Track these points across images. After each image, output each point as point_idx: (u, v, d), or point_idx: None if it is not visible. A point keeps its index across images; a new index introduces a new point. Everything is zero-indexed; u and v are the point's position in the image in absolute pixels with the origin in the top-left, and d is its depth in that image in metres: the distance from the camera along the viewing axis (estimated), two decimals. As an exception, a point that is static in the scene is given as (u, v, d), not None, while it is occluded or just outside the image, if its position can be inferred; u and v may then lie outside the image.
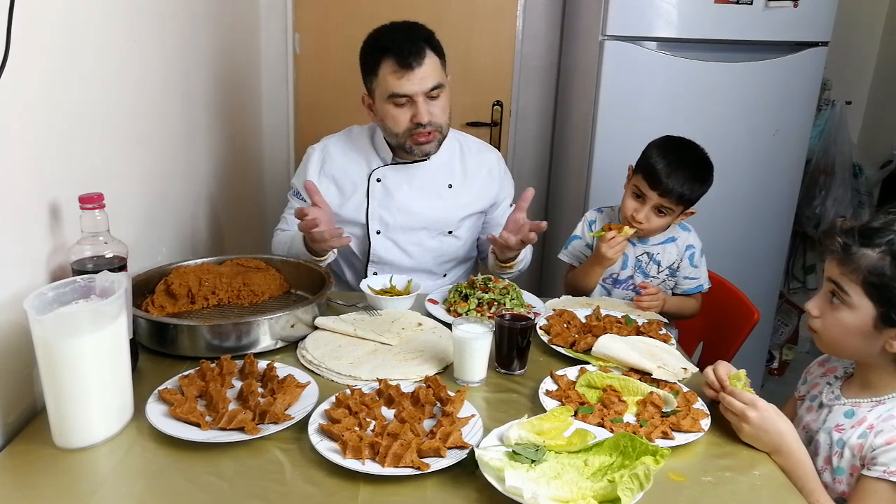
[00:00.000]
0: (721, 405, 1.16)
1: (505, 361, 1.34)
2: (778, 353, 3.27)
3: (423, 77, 1.64)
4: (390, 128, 1.72)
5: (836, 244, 1.12)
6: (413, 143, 1.72)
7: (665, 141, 1.70)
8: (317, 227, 1.53)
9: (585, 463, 0.99)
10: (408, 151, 1.75)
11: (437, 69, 1.68)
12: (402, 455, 0.99)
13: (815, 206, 3.02)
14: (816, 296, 1.19)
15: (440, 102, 1.70)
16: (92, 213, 1.18)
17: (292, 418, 1.10)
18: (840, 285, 1.12)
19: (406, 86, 1.64)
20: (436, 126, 1.71)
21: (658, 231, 1.75)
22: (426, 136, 1.71)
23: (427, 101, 1.68)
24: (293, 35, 2.94)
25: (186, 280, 1.50)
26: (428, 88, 1.66)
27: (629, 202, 1.72)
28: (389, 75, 1.65)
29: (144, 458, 1.04)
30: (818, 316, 1.17)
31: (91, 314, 1.04)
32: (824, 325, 1.16)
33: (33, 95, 1.13)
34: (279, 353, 1.38)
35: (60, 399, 1.03)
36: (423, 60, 1.64)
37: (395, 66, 1.63)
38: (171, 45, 1.80)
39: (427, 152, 1.76)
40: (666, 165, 1.63)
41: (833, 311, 1.14)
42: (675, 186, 1.63)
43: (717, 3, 2.32)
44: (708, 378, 1.21)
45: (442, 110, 1.72)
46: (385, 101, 1.69)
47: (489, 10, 2.95)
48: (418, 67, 1.63)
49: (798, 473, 1.08)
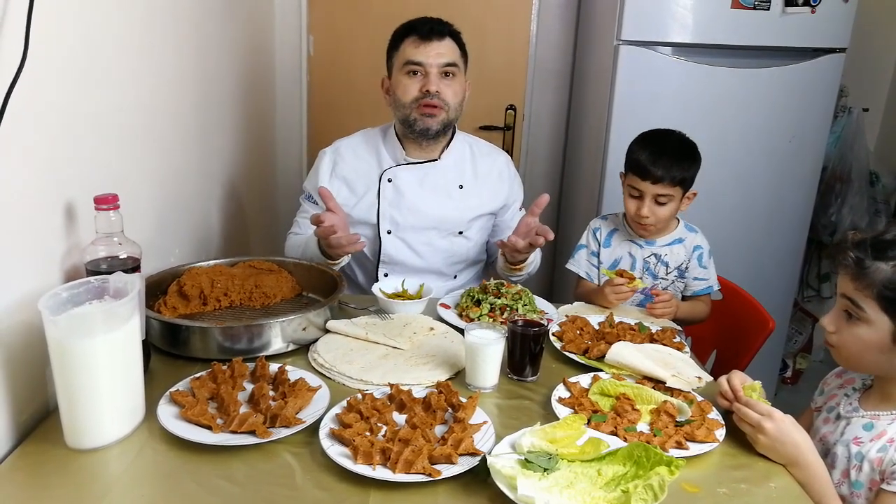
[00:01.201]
0: (735, 416, 1.14)
1: (517, 368, 1.33)
2: (791, 362, 3.23)
3: (440, 52, 1.72)
4: (400, 98, 1.76)
5: (849, 259, 1.10)
6: (419, 114, 1.74)
7: (642, 135, 1.75)
8: (334, 234, 1.55)
9: (599, 472, 0.98)
10: (412, 126, 1.76)
11: (457, 54, 1.76)
12: (413, 461, 0.99)
13: (830, 213, 2.99)
14: (831, 311, 1.16)
15: (452, 85, 1.75)
16: (107, 214, 1.18)
17: (303, 422, 1.09)
18: (855, 301, 1.10)
19: (422, 54, 1.72)
20: (443, 102, 1.74)
21: (666, 222, 1.75)
22: (432, 108, 1.73)
23: (439, 78, 1.73)
24: (307, 37, 2.95)
25: (199, 281, 1.50)
26: (442, 63, 1.72)
27: (629, 204, 1.74)
28: (409, 46, 1.74)
29: (155, 460, 1.04)
30: (834, 332, 1.15)
31: (105, 315, 1.04)
32: (841, 340, 1.14)
33: (50, 97, 1.14)
34: (290, 355, 1.37)
35: (73, 399, 1.03)
36: (444, 39, 1.73)
37: (416, 39, 1.73)
38: (187, 47, 1.81)
39: (428, 127, 1.76)
40: (650, 154, 1.67)
41: (849, 327, 1.12)
42: (664, 171, 1.66)
43: (734, 9, 2.31)
44: (722, 388, 1.19)
45: (454, 93, 1.76)
46: (400, 72, 1.75)
47: (503, 13, 2.94)
48: (437, 41, 1.72)
49: (814, 486, 1.06)
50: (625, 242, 1.81)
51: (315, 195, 1.84)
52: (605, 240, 1.84)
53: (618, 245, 1.82)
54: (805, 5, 2.33)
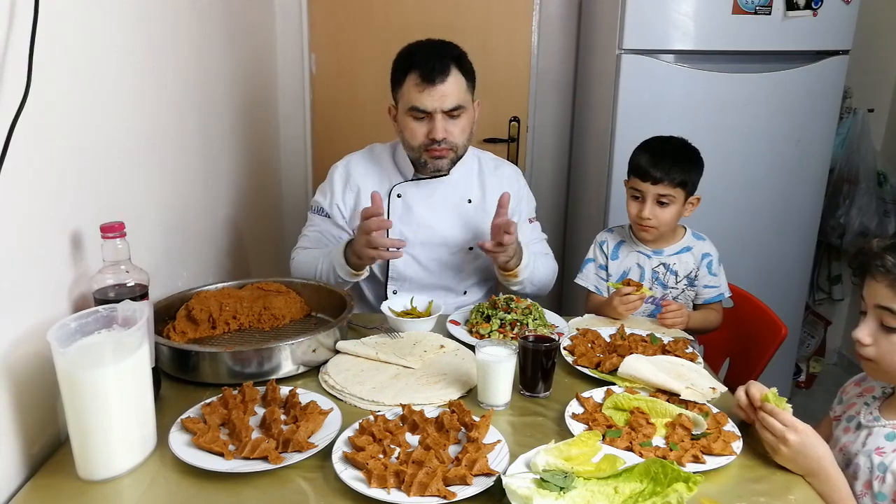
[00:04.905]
0: (757, 425, 1.12)
1: (529, 384, 1.32)
2: (805, 366, 3.20)
3: (444, 95, 1.66)
4: (408, 140, 1.75)
5: (888, 263, 1.05)
6: (428, 157, 1.74)
7: (644, 141, 1.76)
8: (382, 228, 1.55)
9: (616, 490, 0.97)
10: (423, 166, 1.77)
11: (462, 89, 1.69)
12: (427, 484, 0.97)
13: (839, 215, 2.98)
14: (863, 323, 1.11)
15: (460, 123, 1.72)
16: (113, 243, 1.18)
17: (316, 446, 1.08)
18: (893, 310, 1.05)
19: (426, 100, 1.66)
20: (450, 144, 1.73)
21: (669, 225, 1.74)
22: (439, 152, 1.72)
23: (446, 119, 1.69)
24: (309, 55, 2.96)
25: (207, 305, 1.50)
26: (447, 108, 1.67)
27: (631, 206, 1.75)
28: (412, 88, 1.67)
29: (168, 489, 1.03)
30: (871, 344, 1.10)
31: (114, 345, 1.04)
32: (880, 352, 1.09)
33: (54, 127, 1.14)
34: (301, 378, 1.37)
35: (84, 430, 1.02)
36: (447, 78, 1.65)
37: (419, 80, 1.66)
38: (189, 70, 1.82)
39: (439, 168, 1.77)
40: (650, 157, 1.69)
41: (889, 336, 1.07)
42: (663, 172, 1.67)
43: (735, 15, 2.31)
44: (740, 400, 1.17)
45: (461, 131, 1.73)
46: (406, 114, 1.72)
47: (504, 25, 2.95)
48: (441, 84, 1.65)
49: (834, 498, 1.04)
50: (633, 253, 1.80)
51: (330, 210, 1.84)
52: (613, 252, 1.83)
53: (625, 257, 1.81)
54: (807, 8, 2.32)
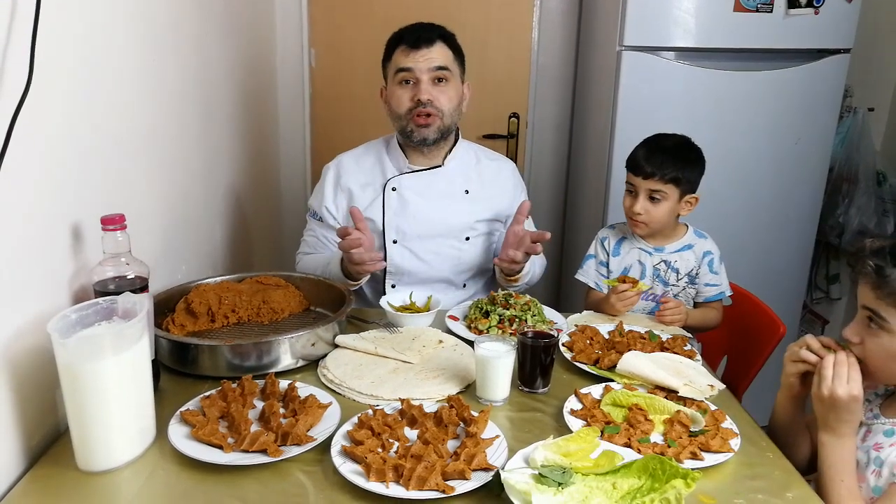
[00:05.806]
0: (827, 361, 1.11)
1: (528, 380, 1.32)
2: (802, 365, 3.21)
3: (430, 57, 1.71)
4: (395, 109, 1.76)
5: (868, 267, 1.08)
6: (414, 124, 1.74)
7: (648, 136, 1.77)
8: (358, 248, 1.56)
9: (614, 486, 0.97)
10: (409, 136, 1.77)
11: (448, 59, 1.74)
12: (426, 478, 0.98)
13: (838, 214, 2.97)
14: (853, 322, 1.14)
15: (446, 91, 1.74)
16: (114, 235, 1.18)
17: (315, 440, 1.09)
18: (877, 312, 1.08)
19: (411, 60, 1.70)
20: (436, 109, 1.73)
21: (661, 222, 1.73)
22: (425, 117, 1.72)
23: (431, 84, 1.72)
24: (309, 50, 2.95)
25: (206, 298, 1.50)
26: (432, 67, 1.71)
27: (625, 200, 1.76)
28: (399, 54, 1.73)
29: (167, 481, 1.03)
30: (859, 343, 1.12)
31: (114, 337, 1.04)
32: (866, 352, 1.11)
33: (54, 120, 1.14)
34: (300, 371, 1.37)
35: (83, 422, 1.02)
36: (432, 45, 1.71)
37: (405, 47, 1.72)
38: (189, 64, 1.81)
39: (425, 137, 1.75)
40: (646, 151, 1.70)
41: (873, 337, 1.10)
42: (655, 167, 1.67)
43: (737, 12, 2.30)
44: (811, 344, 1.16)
45: (448, 99, 1.74)
46: (393, 81, 1.75)
47: (504, 21, 2.95)
48: (426, 48, 1.70)
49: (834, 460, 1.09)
50: (634, 250, 1.80)
51: (321, 211, 1.84)
52: (614, 249, 1.83)
53: (627, 253, 1.81)
54: (808, 6, 2.32)
